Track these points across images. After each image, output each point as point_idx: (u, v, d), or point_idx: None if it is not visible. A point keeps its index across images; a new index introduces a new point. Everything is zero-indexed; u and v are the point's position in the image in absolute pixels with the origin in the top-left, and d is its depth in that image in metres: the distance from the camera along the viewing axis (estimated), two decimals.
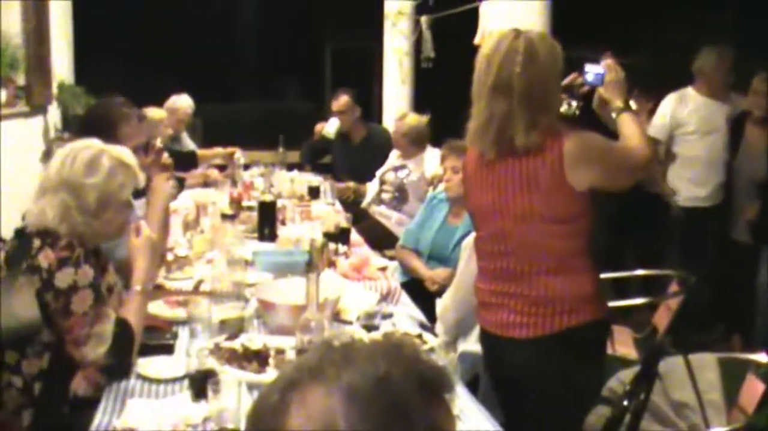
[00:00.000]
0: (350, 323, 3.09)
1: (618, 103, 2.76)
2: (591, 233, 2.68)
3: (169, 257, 3.69)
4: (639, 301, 4.22)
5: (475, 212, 2.80)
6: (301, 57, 14.53)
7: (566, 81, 2.75)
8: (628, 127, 2.72)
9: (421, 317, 3.42)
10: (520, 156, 2.57)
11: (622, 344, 4.37)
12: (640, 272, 4.75)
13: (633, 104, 2.85)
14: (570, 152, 2.53)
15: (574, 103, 2.83)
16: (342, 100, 6.56)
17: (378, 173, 5.96)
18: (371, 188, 6.01)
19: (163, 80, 8.60)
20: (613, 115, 2.78)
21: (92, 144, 2.71)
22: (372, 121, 7.41)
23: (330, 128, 6.66)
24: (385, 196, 5.82)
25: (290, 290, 3.10)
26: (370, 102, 10.88)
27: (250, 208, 4.89)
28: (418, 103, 7.78)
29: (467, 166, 2.83)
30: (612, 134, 2.73)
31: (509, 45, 2.56)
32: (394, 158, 5.97)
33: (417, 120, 5.71)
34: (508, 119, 2.55)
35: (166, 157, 3.61)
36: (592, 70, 2.82)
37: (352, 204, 5.98)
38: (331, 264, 3.73)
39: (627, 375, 3.71)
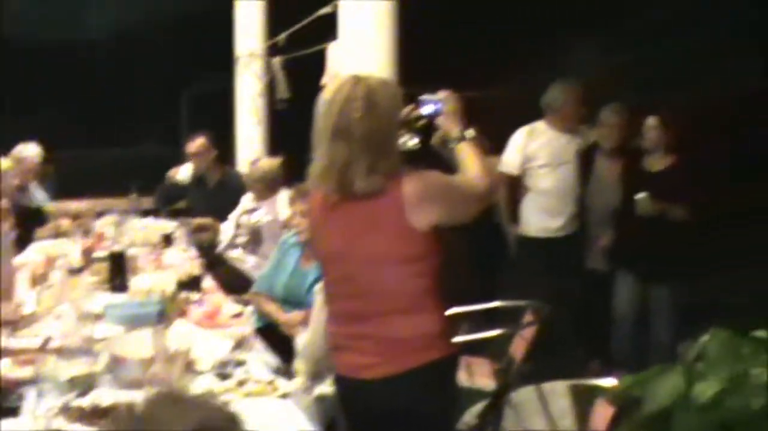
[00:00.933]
0: (203, 373, 3.08)
1: (455, 132, 2.85)
2: (440, 272, 2.71)
3: (15, 315, 3.60)
4: (494, 333, 4.33)
5: (321, 255, 2.84)
6: (157, 101, 14.36)
7: (403, 115, 2.78)
8: (466, 156, 2.80)
9: (275, 362, 3.43)
10: (362, 200, 2.61)
11: (481, 375, 4.44)
12: (496, 303, 4.88)
13: (471, 133, 2.90)
14: (410, 193, 2.58)
15: (414, 138, 2.89)
16: (197, 142, 6.53)
17: (232, 217, 5.95)
18: (226, 232, 5.99)
19: (14, 128, 8.34)
20: (452, 145, 2.87)
21: None
22: (230, 163, 7.40)
23: (183, 173, 6.62)
24: (240, 240, 5.82)
25: (142, 342, 3.07)
26: (228, 145, 10.84)
27: (101, 259, 4.80)
28: (275, 145, 7.79)
29: (312, 210, 2.85)
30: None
31: (349, 91, 2.61)
32: (248, 200, 5.97)
33: (269, 164, 5.74)
34: (348, 164, 2.58)
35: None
36: (429, 103, 2.88)
37: (207, 248, 5.94)
38: (184, 313, 3.71)
39: (481, 408, 3.80)
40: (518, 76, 10.18)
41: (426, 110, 2.87)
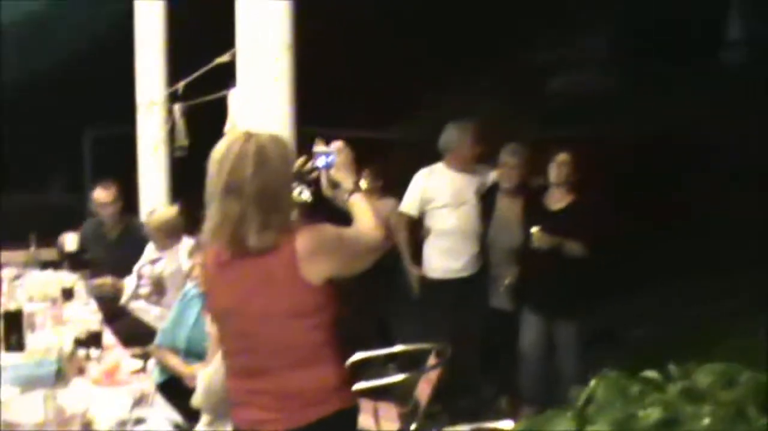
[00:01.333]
0: None
1: (348, 184, 2.87)
2: (335, 324, 2.71)
3: None
4: (399, 378, 4.33)
5: (216, 311, 2.82)
6: (60, 146, 14.09)
7: (296, 167, 2.80)
8: (359, 208, 2.83)
9: (176, 418, 3.37)
10: (254, 256, 2.61)
11: (388, 420, 4.45)
12: (399, 348, 4.89)
13: (363, 184, 2.93)
14: (303, 248, 2.59)
15: (306, 191, 2.91)
16: (108, 192, 6.38)
17: (135, 268, 5.85)
18: (129, 283, 5.88)
19: None
20: (345, 196, 2.89)
21: None
22: (133, 211, 7.27)
23: (70, 244, 6.41)
24: (143, 290, 5.73)
25: (37, 406, 2.99)
26: (133, 192, 10.68)
27: None
28: (178, 193, 7.69)
29: (206, 265, 2.83)
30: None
31: (240, 148, 2.60)
32: (150, 250, 5.89)
33: (167, 212, 5.66)
34: (241, 220, 2.58)
35: None
36: (321, 155, 2.90)
37: (110, 301, 5.83)
38: (82, 372, 3.63)
39: None
40: (419, 118, 10.31)
41: (319, 161, 2.89)
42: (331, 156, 2.88)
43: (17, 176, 13.75)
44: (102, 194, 6.42)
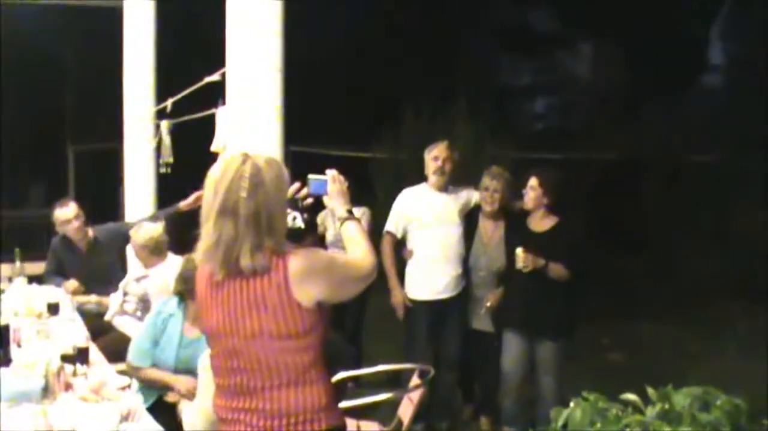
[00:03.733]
0: None
1: (341, 212, 2.97)
2: (323, 344, 2.77)
3: None
4: (382, 397, 4.37)
5: (207, 331, 2.85)
6: (42, 160, 14.06)
7: (289, 193, 2.86)
8: (351, 236, 2.93)
9: None
10: (247, 277, 2.66)
11: None
12: (381, 367, 4.94)
13: (357, 212, 3.03)
14: (295, 271, 2.64)
15: (299, 217, 2.97)
16: (62, 210, 6.36)
17: (121, 285, 5.87)
18: (114, 299, 5.89)
19: None
20: (337, 224, 2.98)
21: None
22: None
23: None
24: (128, 307, 5.75)
25: (24, 420, 3.02)
26: (116, 205, 10.69)
27: None
28: (163, 207, 7.70)
29: (199, 285, 2.86)
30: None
31: (236, 170, 2.65)
32: (136, 267, 5.91)
33: (152, 230, 5.66)
34: (234, 242, 2.63)
35: None
36: (316, 182, 2.98)
37: (95, 316, 5.84)
38: (69, 387, 3.65)
39: None
40: (404, 137, 10.38)
41: (313, 188, 2.97)
42: (325, 184, 2.97)
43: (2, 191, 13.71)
44: (61, 213, 6.38)
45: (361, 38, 14.14)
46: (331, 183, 3.00)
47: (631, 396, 2.24)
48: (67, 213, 6.37)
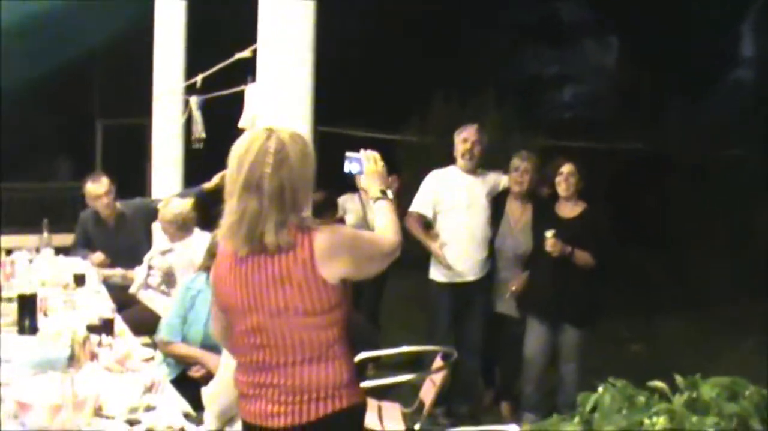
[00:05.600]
0: (113, 418, 3.06)
1: (374, 191, 2.97)
2: (347, 321, 2.77)
3: None
4: (405, 378, 4.38)
5: (228, 307, 2.81)
6: (70, 134, 14.14)
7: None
8: (381, 214, 2.93)
9: (186, 408, 3.42)
10: (271, 253, 2.64)
11: (392, 419, 4.49)
12: (405, 349, 4.94)
13: (390, 193, 3.02)
14: (321, 247, 2.62)
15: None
16: (93, 185, 6.41)
17: (146, 258, 5.90)
18: (139, 272, 5.92)
19: None
20: (371, 202, 2.99)
21: None
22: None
23: None
24: (153, 280, 5.78)
25: (49, 387, 3.03)
26: (142, 180, 10.74)
27: (9, 299, 4.69)
28: (190, 184, 7.73)
29: (220, 260, 2.84)
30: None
31: (260, 146, 2.63)
32: (161, 241, 5.93)
33: (181, 206, 5.68)
34: (258, 218, 2.61)
35: None
36: (353, 160, 3.01)
37: (119, 289, 5.88)
38: (94, 357, 3.67)
39: None
40: (432, 122, 10.36)
41: (351, 167, 3.00)
42: (361, 162, 3.00)
43: (32, 164, 13.82)
44: (93, 188, 6.43)
45: (392, 22, 14.10)
46: (367, 163, 3.01)
47: (658, 384, 2.22)
48: (98, 188, 6.41)
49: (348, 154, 3.02)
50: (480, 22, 14.93)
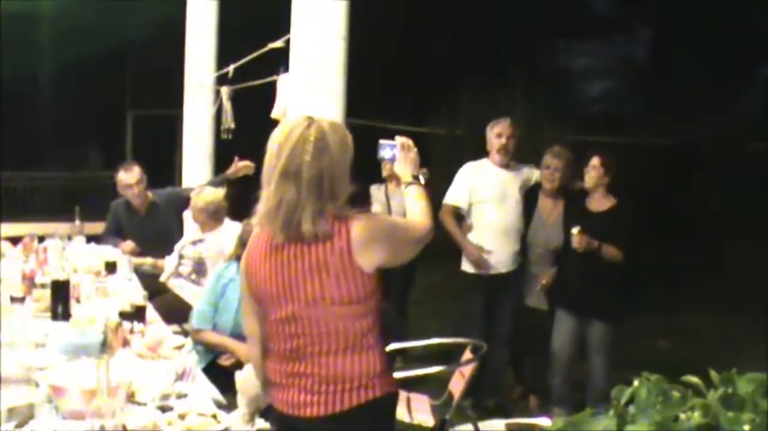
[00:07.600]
0: (145, 404, 3.08)
1: (407, 177, 2.99)
2: (380, 310, 2.77)
3: None
4: (434, 369, 4.37)
5: (262, 295, 2.78)
6: (102, 124, 14.23)
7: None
8: (413, 199, 2.94)
9: (217, 395, 3.43)
10: (308, 242, 2.64)
11: (420, 411, 4.49)
12: (435, 340, 4.93)
13: (422, 179, 3.03)
14: (358, 236, 2.62)
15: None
16: (125, 174, 6.46)
17: (177, 247, 5.93)
18: (170, 261, 5.96)
19: None
20: (403, 187, 3.01)
21: None
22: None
23: None
24: (184, 269, 5.81)
25: (83, 372, 3.06)
26: (172, 171, 10.82)
27: (43, 285, 4.73)
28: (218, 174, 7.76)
29: (254, 248, 2.82)
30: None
31: (300, 133, 2.63)
32: (192, 231, 5.97)
33: (213, 195, 5.71)
34: (296, 206, 2.61)
35: None
36: (387, 147, 3.04)
37: (150, 277, 5.92)
38: (126, 344, 3.71)
39: None
40: (461, 115, 10.34)
41: (384, 153, 3.03)
42: (395, 149, 3.03)
43: (63, 153, 13.94)
44: (125, 176, 6.48)
45: (422, 16, 14.08)
46: (401, 150, 3.03)
47: (692, 379, 2.20)
48: (130, 178, 6.46)
49: (382, 141, 3.05)
50: (510, 15, 14.88)
